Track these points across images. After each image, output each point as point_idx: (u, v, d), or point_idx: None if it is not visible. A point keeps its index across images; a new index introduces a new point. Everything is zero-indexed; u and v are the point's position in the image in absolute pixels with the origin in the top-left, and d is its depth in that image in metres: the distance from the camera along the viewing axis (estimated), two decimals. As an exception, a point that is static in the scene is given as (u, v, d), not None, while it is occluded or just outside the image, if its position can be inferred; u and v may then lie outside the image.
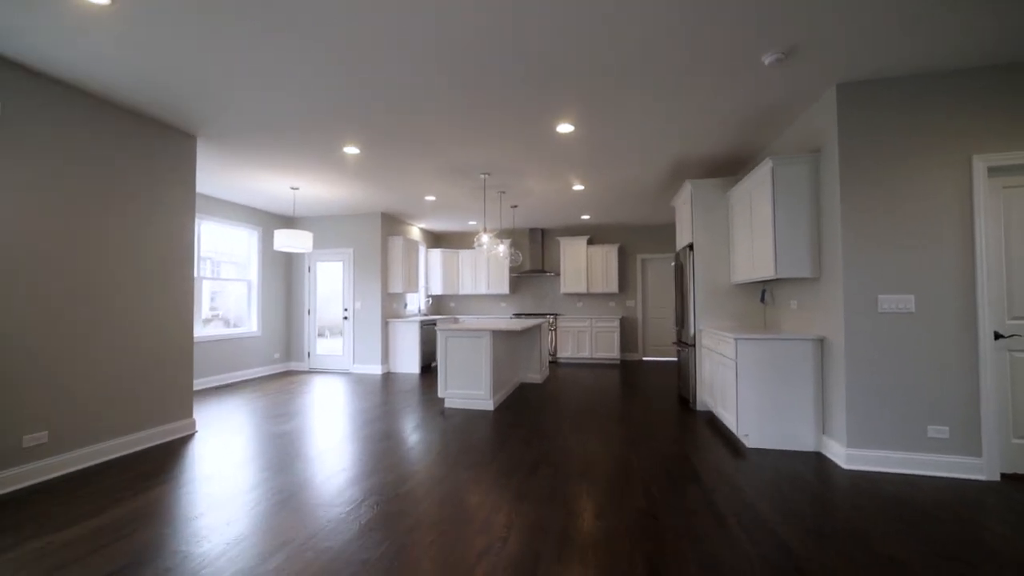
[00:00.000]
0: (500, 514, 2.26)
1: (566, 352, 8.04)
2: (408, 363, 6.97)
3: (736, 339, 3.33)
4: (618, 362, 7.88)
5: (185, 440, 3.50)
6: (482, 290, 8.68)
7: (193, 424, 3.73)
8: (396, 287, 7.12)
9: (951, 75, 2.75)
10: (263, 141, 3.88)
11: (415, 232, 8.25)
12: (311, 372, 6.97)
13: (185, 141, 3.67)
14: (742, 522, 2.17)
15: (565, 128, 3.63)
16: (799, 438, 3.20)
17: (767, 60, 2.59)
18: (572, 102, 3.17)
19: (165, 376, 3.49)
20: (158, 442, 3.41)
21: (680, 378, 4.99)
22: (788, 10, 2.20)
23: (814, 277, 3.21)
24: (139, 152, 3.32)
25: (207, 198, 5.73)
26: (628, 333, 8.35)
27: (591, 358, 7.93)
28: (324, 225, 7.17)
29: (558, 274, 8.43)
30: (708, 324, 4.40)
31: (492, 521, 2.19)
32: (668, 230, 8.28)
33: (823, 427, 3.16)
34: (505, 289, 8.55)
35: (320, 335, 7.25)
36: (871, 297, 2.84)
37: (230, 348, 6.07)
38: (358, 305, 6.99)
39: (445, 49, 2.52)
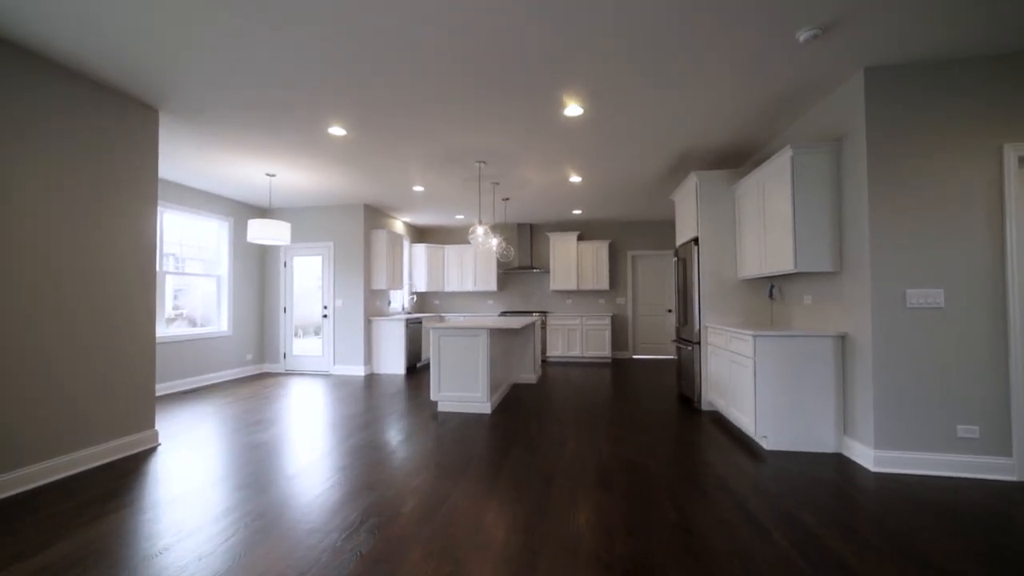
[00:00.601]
0: (520, 535, 1.99)
1: (556, 351, 7.83)
2: (393, 364, 6.60)
3: (755, 336, 3.16)
4: (609, 361, 7.72)
5: (146, 455, 3.08)
6: (468, 287, 8.37)
7: (155, 436, 3.30)
8: (380, 283, 6.73)
9: (982, 61, 2.65)
10: (237, 117, 3.47)
11: (399, 226, 7.87)
12: (287, 374, 6.50)
13: (145, 115, 3.23)
14: (788, 536, 1.97)
15: (574, 111, 3.38)
16: (819, 439, 3.07)
17: (802, 36, 2.40)
18: (586, 80, 2.92)
19: (123, 382, 3.06)
20: (114, 458, 2.98)
21: (681, 377, 4.84)
22: (836, -23, 2.02)
23: (834, 271, 3.08)
24: (91, 127, 2.87)
25: (171, 184, 5.21)
26: (618, 331, 8.21)
27: (582, 357, 7.74)
28: (302, 217, 6.71)
29: (547, 271, 8.21)
30: (713, 321, 4.25)
31: (513, 544, 1.92)
32: (660, 226, 8.18)
33: (843, 427, 3.03)
34: (493, 286, 8.27)
35: (297, 335, 6.79)
36: (899, 292, 2.71)
37: (197, 349, 5.56)
38: (339, 303, 6.57)
39: (457, 18, 2.23)
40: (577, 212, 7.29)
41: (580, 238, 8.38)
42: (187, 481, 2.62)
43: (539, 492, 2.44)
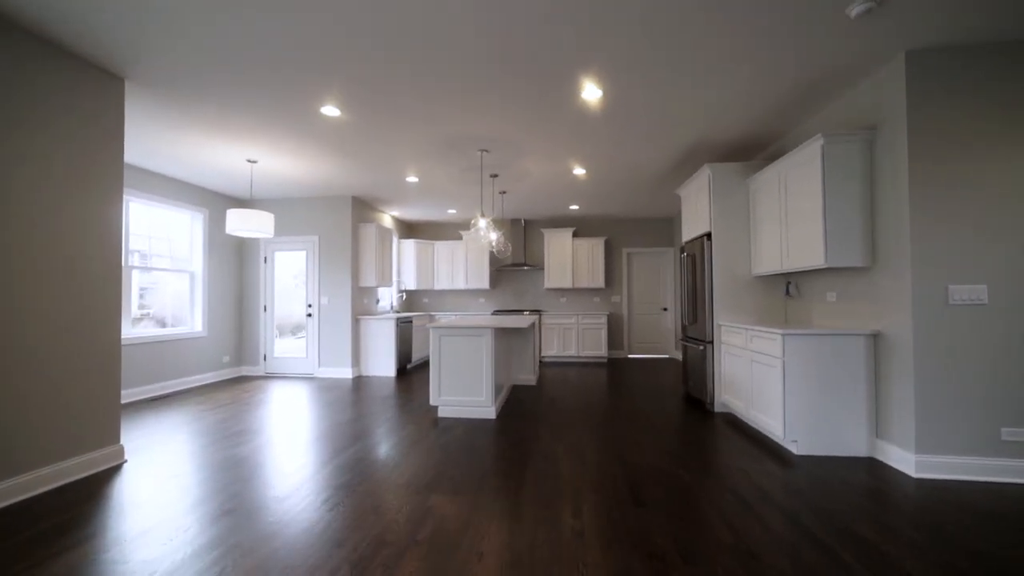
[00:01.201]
0: (564, 567, 1.73)
1: (551, 351, 7.60)
2: (382, 365, 6.23)
3: (784, 335, 2.99)
4: (605, 360, 7.54)
5: (110, 475, 2.68)
6: (460, 284, 8.05)
7: (121, 452, 2.89)
8: (368, 280, 6.35)
9: (1027, 45, 2.52)
10: (216, 92, 3.09)
11: (387, 220, 7.49)
12: (268, 377, 6.06)
13: (109, 85, 2.81)
14: (859, 557, 1.78)
15: (592, 93, 3.13)
16: (850, 443, 2.91)
17: (855, 11, 2.22)
18: (610, 58, 2.68)
19: (82, 390, 2.65)
20: (71, 479, 2.58)
21: (689, 377, 4.68)
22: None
23: (865, 266, 2.93)
24: (44, 97, 2.46)
25: (138, 171, 4.73)
26: (614, 330, 8.04)
27: (578, 356, 7.54)
28: (286, 209, 6.26)
29: (541, 268, 7.97)
30: (727, 319, 4.09)
31: (554, 578, 1.66)
32: (656, 223, 8.05)
33: (876, 430, 2.89)
34: (485, 284, 7.98)
35: (279, 335, 6.34)
36: (940, 288, 2.57)
37: (169, 351, 5.09)
38: (324, 300, 6.16)
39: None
40: (574, 208, 7.07)
41: (575, 235, 8.17)
42: (159, 507, 2.25)
43: (571, 512, 2.19)
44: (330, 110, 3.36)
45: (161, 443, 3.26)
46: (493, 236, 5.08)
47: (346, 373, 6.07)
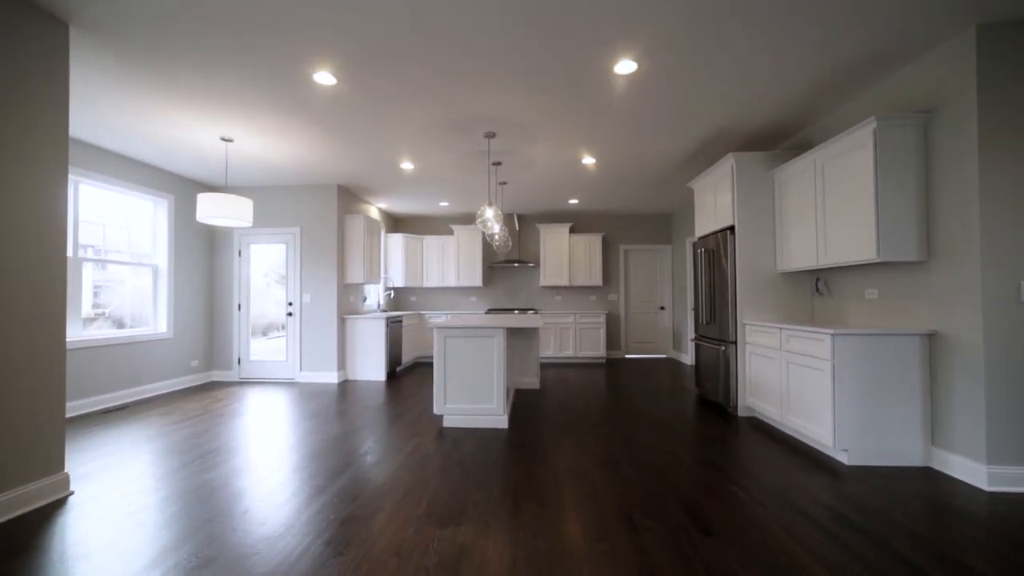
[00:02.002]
0: (645, 627, 1.38)
1: (548, 351, 7.28)
2: (371, 369, 5.75)
3: (834, 336, 2.74)
4: (604, 361, 7.27)
5: (49, 514, 2.17)
6: (450, 282, 7.62)
7: (65, 483, 2.37)
8: (355, 277, 5.85)
9: (1102, 22, 2.34)
10: (186, 45, 2.59)
11: (374, 212, 6.98)
12: (243, 383, 5.48)
13: (49, 30, 2.29)
14: (985, 601, 1.50)
15: (626, 68, 2.80)
16: (903, 452, 2.69)
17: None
18: (653, 30, 2.35)
19: (14, 406, 2.13)
20: (1, 520, 2.06)
21: (703, 379, 4.43)
22: None
23: (920, 260, 2.71)
24: (-43, 30, 1.93)
25: (89, 147, 4.11)
26: (611, 330, 7.78)
27: (575, 357, 7.24)
28: (263, 198, 5.69)
29: (536, 265, 7.64)
30: (751, 318, 3.85)
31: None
32: (654, 220, 7.83)
33: (932, 438, 2.67)
34: (478, 281, 7.58)
35: (255, 335, 5.76)
36: (1012, 284, 2.36)
37: (128, 356, 4.48)
38: (306, 298, 5.63)
39: None
40: (573, 202, 6.76)
41: (572, 230, 7.87)
42: (113, 559, 1.78)
43: (633, 545, 1.84)
44: (324, 77, 2.90)
45: (118, 467, 2.74)
46: (496, 228, 4.70)
47: (331, 378, 5.56)
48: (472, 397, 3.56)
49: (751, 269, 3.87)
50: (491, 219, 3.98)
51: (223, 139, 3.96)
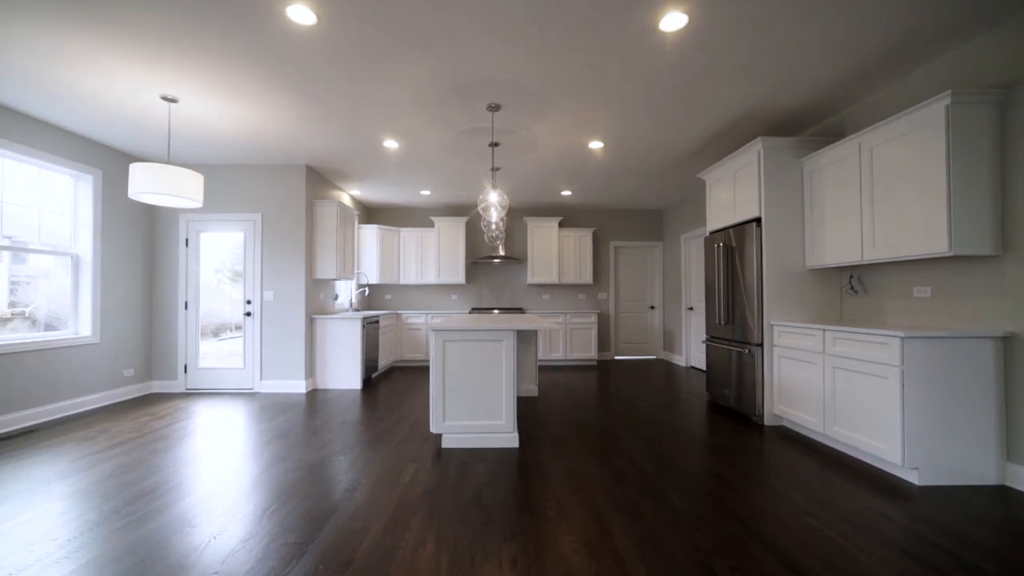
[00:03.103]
0: None
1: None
2: (345, 376, 5.07)
3: (904, 338, 2.41)
4: (595, 363, 6.89)
5: None
6: (430, 279, 7.01)
7: (-81, 557, 1.65)
8: (326, 271, 5.15)
9: None
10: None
11: (346, 200, 6.26)
12: (190, 395, 4.67)
13: None
14: None
15: (673, 22, 2.36)
16: (975, 469, 2.41)
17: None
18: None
19: None
20: None
21: (718, 384, 4.10)
22: None
23: (994, 254, 2.44)
24: None
25: (-15, 103, 3.25)
26: (601, 330, 7.42)
27: (565, 359, 6.82)
28: (217, 178, 4.87)
29: (522, 261, 7.15)
30: (779, 318, 3.53)
31: None
32: (645, 215, 7.53)
33: (1007, 452, 2.40)
34: (460, 278, 7.01)
35: (206, 337, 4.94)
36: (1107, 280, 2.10)
37: (39, 365, 3.61)
38: (268, 296, 4.88)
39: None
40: (566, 193, 6.32)
41: (561, 225, 7.45)
42: None
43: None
44: (301, 13, 2.28)
45: (11, 520, 2.02)
46: (495, 216, 4.18)
47: (298, 387, 4.84)
48: (477, 412, 3.03)
49: (779, 266, 3.56)
50: (495, 204, 3.44)
51: (165, 98, 3.20)
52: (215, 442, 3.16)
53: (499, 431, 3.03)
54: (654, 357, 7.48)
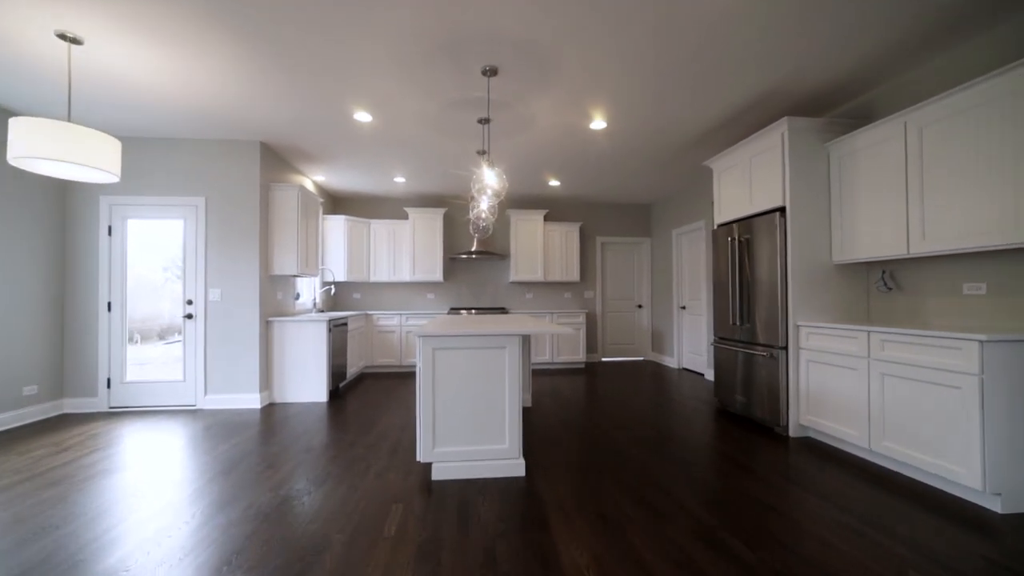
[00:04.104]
0: None
1: (522, 356, 6.31)
2: (308, 387, 4.39)
3: (984, 342, 2.08)
4: (583, 366, 6.47)
5: None
6: (404, 276, 6.37)
7: None
8: (285, 267, 4.44)
9: None
10: None
11: (308, 186, 5.53)
12: (114, 415, 3.86)
13: None
14: None
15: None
16: (1054, 490, 2.11)
17: None
18: None
19: None
20: None
21: (730, 390, 3.75)
22: None
23: (1072, 246, 2.15)
24: None
25: None
26: (588, 330, 7.02)
27: (552, 363, 6.37)
28: (148, 152, 4.06)
29: (505, 257, 6.63)
30: (806, 318, 3.20)
31: None
32: (632, 210, 7.18)
33: (1087, 470, 2.12)
34: (437, 275, 6.42)
35: (147, 341, 4.12)
36: None
37: None
38: (215, 295, 4.13)
39: None
40: (555, 184, 5.85)
41: (546, 218, 6.99)
42: None
43: None
44: (248, -92, 1.67)
45: None
46: (484, 204, 3.65)
47: (252, 401, 4.12)
48: (474, 435, 2.50)
49: (805, 260, 3.23)
50: (490, 184, 2.90)
51: (64, 37, 2.46)
52: (136, 483, 2.46)
53: (502, 457, 2.51)
54: (642, 358, 7.16)
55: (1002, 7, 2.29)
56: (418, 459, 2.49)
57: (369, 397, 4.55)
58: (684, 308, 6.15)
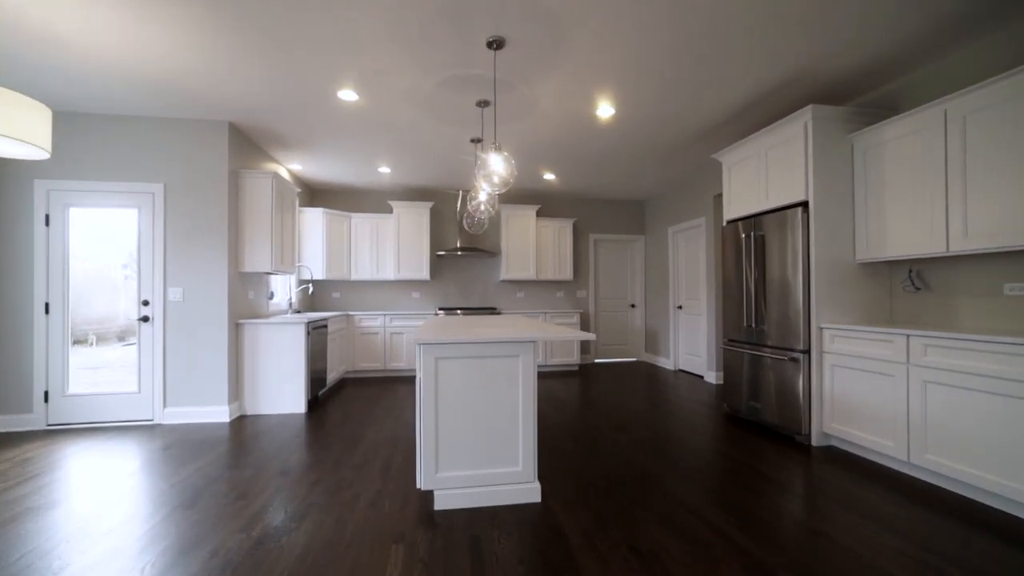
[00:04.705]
0: None
1: (514, 358, 6.00)
2: (285, 396, 3.96)
3: (1052, 349, 1.90)
4: (577, 367, 6.22)
5: None
6: (388, 274, 5.97)
7: None
8: (258, 263, 3.99)
9: None
10: None
11: (283, 175, 5.06)
12: (54, 433, 3.35)
13: None
14: None
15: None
16: (1116, 506, 1.96)
17: None
18: None
19: None
20: None
21: (741, 395, 3.55)
22: None
23: None
24: None
25: None
26: (582, 331, 6.76)
27: (546, 365, 6.09)
28: (93, 131, 3.55)
29: (495, 254, 6.31)
30: (830, 320, 3.02)
31: None
32: (625, 206, 6.96)
33: None
34: (423, 273, 6.04)
35: (86, 345, 3.60)
36: None
37: None
38: (175, 294, 3.65)
39: None
40: (549, 177, 5.56)
41: (539, 214, 6.69)
42: None
43: None
44: None
45: None
46: (483, 197, 3.34)
47: (219, 414, 3.67)
48: (484, 457, 2.18)
49: (830, 259, 3.04)
50: (497, 170, 2.57)
51: (-18, -19, 2.00)
52: (74, 523, 2.03)
53: (515, 481, 2.20)
54: (635, 359, 6.97)
55: (1058, -15, 2.12)
56: (418, 486, 2.15)
57: (352, 406, 4.16)
58: (680, 308, 5.97)
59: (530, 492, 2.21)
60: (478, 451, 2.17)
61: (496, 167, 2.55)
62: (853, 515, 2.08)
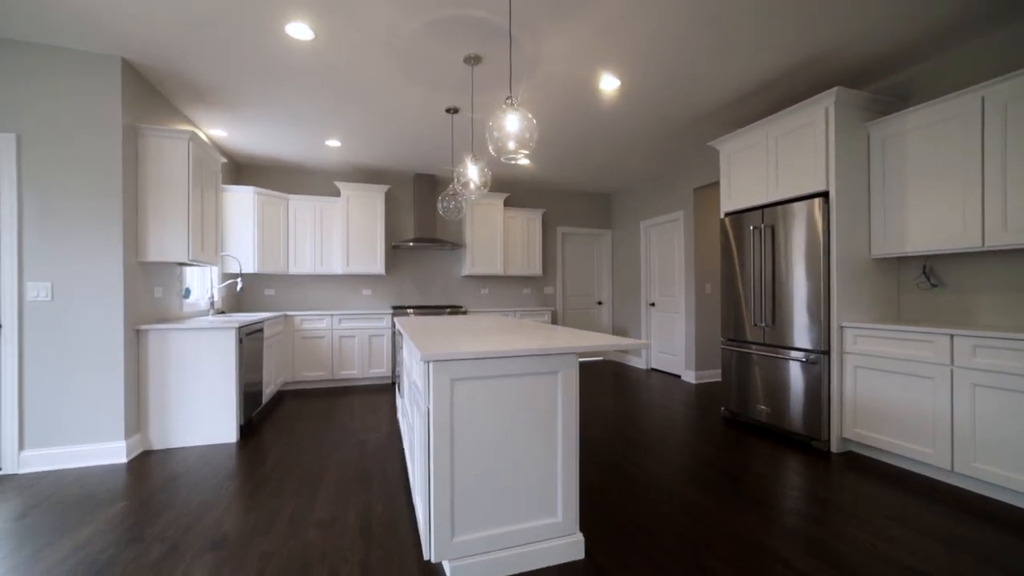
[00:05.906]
0: None
1: (481, 362, 5.44)
2: (206, 422, 3.07)
3: None
4: (548, 369, 5.79)
5: None
6: (335, 268, 5.12)
7: None
8: (167, 250, 3.04)
9: None
10: None
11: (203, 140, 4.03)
12: None
13: None
14: None
15: None
16: None
17: None
18: None
19: None
20: None
21: (745, 398, 3.33)
22: None
23: None
24: None
25: None
26: (549, 329, 6.36)
27: (516, 367, 5.58)
28: None
29: (457, 247, 5.67)
30: (850, 319, 2.85)
31: None
32: (592, 199, 6.66)
33: None
34: (377, 267, 5.27)
35: None
36: None
37: None
38: (39, 291, 2.63)
39: None
40: (525, 163, 5.06)
41: (506, 203, 6.16)
42: None
43: None
44: None
45: None
46: (475, 175, 2.76)
47: (111, 454, 2.71)
48: (512, 509, 1.63)
49: (850, 254, 2.86)
50: (513, 132, 2.00)
51: None
52: None
53: (554, 536, 1.67)
54: (602, 358, 6.71)
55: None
56: (428, 558, 1.55)
57: (299, 428, 3.36)
58: (654, 305, 5.78)
59: (572, 548, 1.70)
60: (506, 502, 1.62)
61: (513, 128, 1.99)
62: (935, 546, 1.82)
